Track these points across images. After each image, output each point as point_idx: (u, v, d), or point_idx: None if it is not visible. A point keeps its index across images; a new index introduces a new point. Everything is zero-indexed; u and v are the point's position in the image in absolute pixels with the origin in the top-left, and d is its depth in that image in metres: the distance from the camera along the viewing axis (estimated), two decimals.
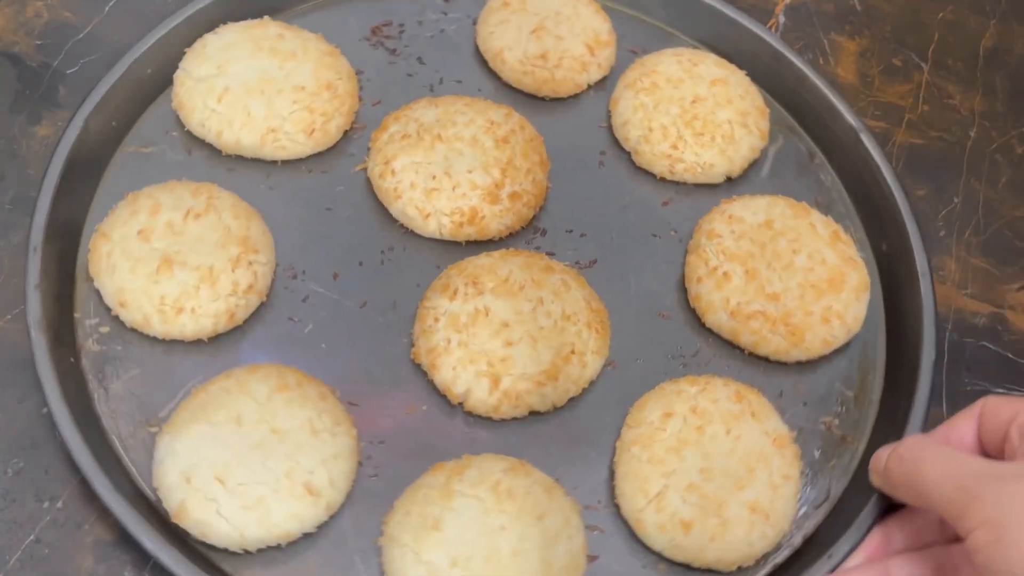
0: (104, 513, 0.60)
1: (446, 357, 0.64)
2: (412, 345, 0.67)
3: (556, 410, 0.66)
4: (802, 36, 0.91)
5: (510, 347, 0.64)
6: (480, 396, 0.64)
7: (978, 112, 0.88)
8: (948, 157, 0.86)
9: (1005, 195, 0.84)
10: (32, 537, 0.60)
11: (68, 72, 0.77)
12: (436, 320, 0.65)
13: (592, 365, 0.66)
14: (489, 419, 0.65)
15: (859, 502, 0.62)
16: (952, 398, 0.73)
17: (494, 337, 0.64)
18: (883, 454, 0.58)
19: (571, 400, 0.66)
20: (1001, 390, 0.74)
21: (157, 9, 0.81)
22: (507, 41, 0.79)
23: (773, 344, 0.68)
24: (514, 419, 0.65)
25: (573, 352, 0.65)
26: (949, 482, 0.51)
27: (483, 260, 0.68)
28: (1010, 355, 0.76)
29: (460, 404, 0.65)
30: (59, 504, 0.60)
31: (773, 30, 0.90)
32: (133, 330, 0.65)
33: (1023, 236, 0.82)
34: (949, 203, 0.83)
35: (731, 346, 0.70)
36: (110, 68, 0.72)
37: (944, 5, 0.95)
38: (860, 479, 0.65)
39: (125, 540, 0.59)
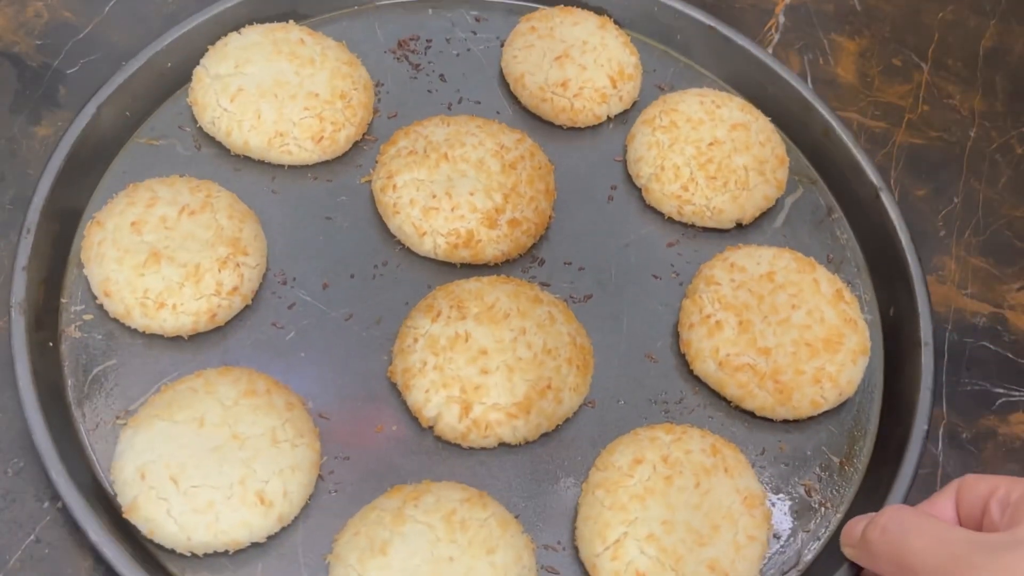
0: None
1: (420, 379, 0.63)
2: (390, 363, 0.66)
3: (528, 444, 0.65)
4: (802, 36, 0.90)
5: (485, 375, 0.63)
6: (450, 422, 0.63)
7: (978, 112, 0.87)
8: (948, 157, 0.85)
9: (1005, 195, 0.83)
10: (32, 537, 0.60)
11: (68, 72, 0.78)
12: (415, 340, 0.65)
13: (568, 402, 0.65)
14: (458, 446, 0.64)
15: (830, 571, 0.60)
16: (952, 398, 0.72)
17: (471, 364, 0.63)
18: (858, 526, 0.57)
19: (544, 435, 0.65)
20: (1000, 390, 0.73)
21: (157, 9, 0.81)
22: (529, 66, 0.78)
23: (759, 399, 0.66)
24: (483, 448, 0.64)
25: (549, 387, 0.64)
26: (938, 552, 0.50)
27: (471, 284, 0.67)
28: (1010, 355, 0.75)
29: (430, 428, 0.64)
30: (59, 504, 0.60)
31: (773, 30, 0.89)
32: (116, 320, 0.65)
33: (1023, 236, 0.81)
34: (949, 203, 0.82)
35: (717, 397, 0.68)
36: (123, 63, 0.73)
37: (944, 5, 0.94)
38: (834, 548, 0.63)
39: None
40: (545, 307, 0.66)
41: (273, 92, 0.72)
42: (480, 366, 0.63)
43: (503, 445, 0.64)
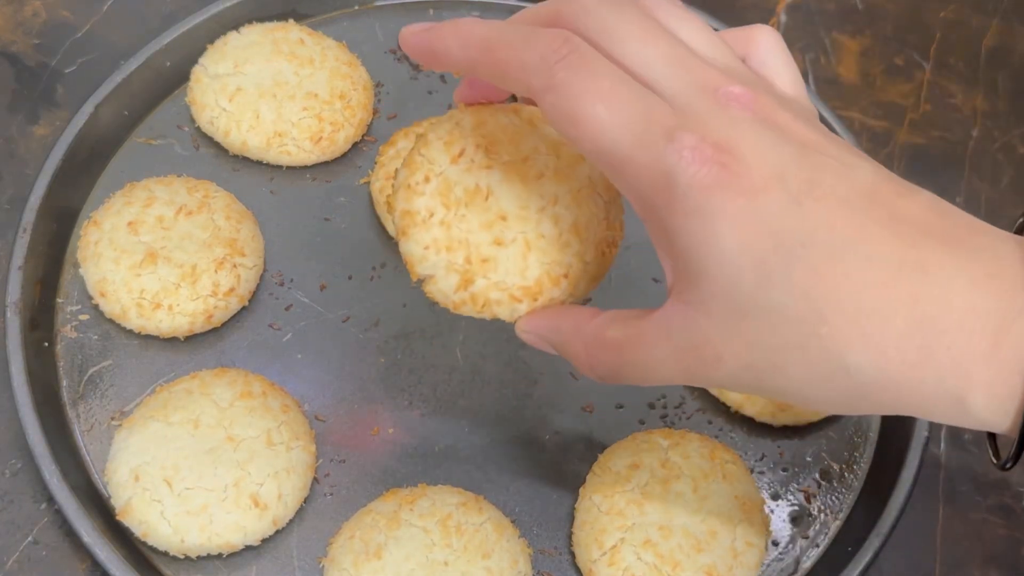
0: None
1: (422, 231, 0.52)
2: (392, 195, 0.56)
3: (526, 448, 0.64)
4: (803, 35, 0.89)
5: (498, 247, 0.51)
6: (443, 287, 0.52)
7: (980, 111, 0.86)
8: (950, 157, 0.84)
9: (1007, 195, 0.82)
10: (30, 539, 0.60)
11: (66, 71, 0.77)
12: (427, 179, 0.52)
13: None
14: (455, 449, 0.63)
15: None
16: None
17: (485, 229, 0.51)
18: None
19: (542, 440, 0.65)
20: None
21: (156, 9, 0.81)
22: None
23: (759, 405, 0.66)
24: (480, 450, 0.64)
25: (566, 276, 0.52)
26: None
27: (508, 118, 0.52)
28: None
29: (419, 281, 0.53)
30: (57, 506, 0.59)
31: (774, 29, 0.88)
32: (112, 321, 0.65)
33: None
34: (951, 202, 0.80)
35: (716, 402, 0.67)
36: (121, 62, 0.73)
37: (946, 4, 0.93)
38: (832, 555, 0.63)
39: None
40: (586, 170, 0.53)
41: (272, 92, 0.72)
42: (495, 234, 0.51)
43: (501, 447, 0.64)
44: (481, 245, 0.51)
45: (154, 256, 0.64)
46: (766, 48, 0.49)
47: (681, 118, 0.42)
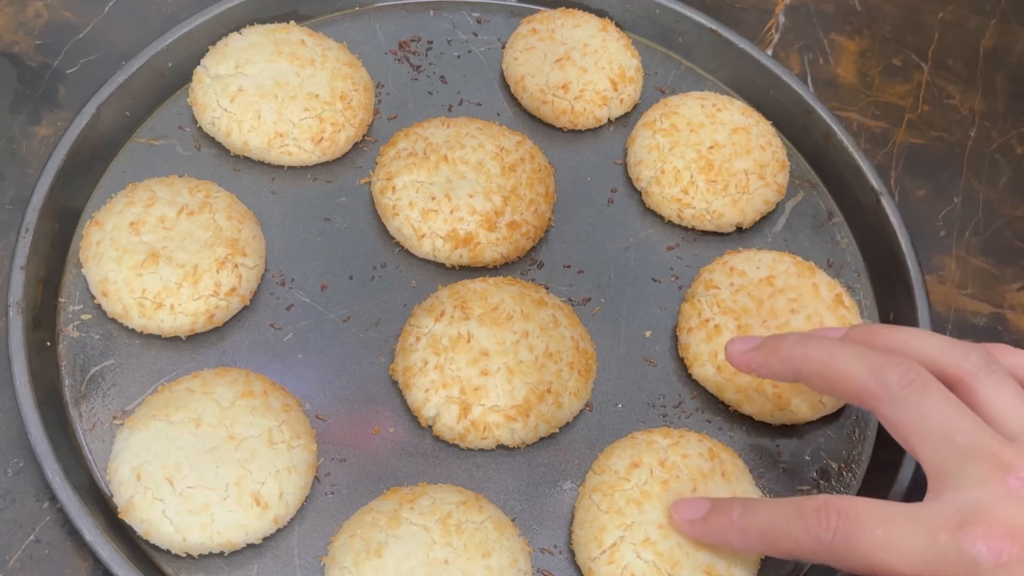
0: None
1: (420, 378, 0.63)
2: (391, 362, 0.66)
3: (526, 447, 0.64)
4: (802, 36, 0.90)
5: (486, 377, 0.63)
6: (448, 422, 0.63)
7: (978, 112, 0.87)
8: (948, 157, 0.85)
9: (1005, 195, 0.83)
10: (32, 537, 0.60)
11: (68, 72, 0.78)
12: (417, 339, 0.64)
13: (568, 407, 0.64)
14: (456, 447, 0.64)
15: None
16: None
17: (471, 364, 0.63)
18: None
19: (542, 438, 0.65)
20: None
21: (157, 9, 0.81)
22: (530, 68, 0.78)
23: (758, 404, 0.66)
24: (481, 450, 0.64)
25: (549, 391, 0.63)
26: None
27: (476, 285, 0.67)
28: None
29: (429, 427, 0.64)
30: (59, 504, 0.59)
31: (773, 30, 0.89)
32: (114, 320, 0.65)
33: (1023, 236, 0.81)
34: (949, 203, 0.82)
35: (715, 401, 0.68)
36: (123, 63, 0.73)
37: (944, 5, 0.94)
38: None
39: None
40: (549, 310, 0.66)
41: (273, 93, 0.72)
42: (481, 367, 0.63)
43: (501, 447, 0.64)
44: (471, 378, 0.63)
45: (156, 256, 0.64)
46: None
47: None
